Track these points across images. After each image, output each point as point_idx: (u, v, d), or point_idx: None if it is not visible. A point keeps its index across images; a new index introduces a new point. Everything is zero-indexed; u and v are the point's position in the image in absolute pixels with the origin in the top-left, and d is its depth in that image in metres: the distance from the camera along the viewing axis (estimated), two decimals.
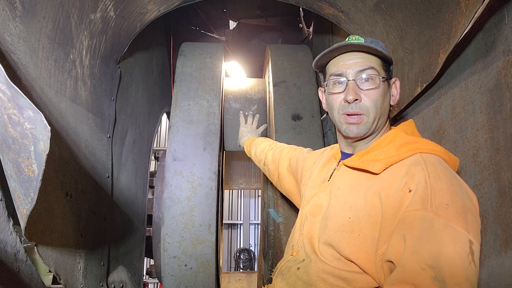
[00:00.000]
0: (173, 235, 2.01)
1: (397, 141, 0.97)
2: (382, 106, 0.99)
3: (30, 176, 0.82)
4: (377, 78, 0.98)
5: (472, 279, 0.72)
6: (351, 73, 0.99)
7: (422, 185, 0.81)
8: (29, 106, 0.80)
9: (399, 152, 0.92)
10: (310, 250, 0.98)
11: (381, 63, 1.01)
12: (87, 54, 1.54)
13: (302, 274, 0.96)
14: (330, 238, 0.91)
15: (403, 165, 0.89)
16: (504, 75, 1.00)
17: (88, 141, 1.56)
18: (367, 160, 0.96)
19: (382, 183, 0.89)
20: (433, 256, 0.72)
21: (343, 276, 0.89)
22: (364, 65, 0.98)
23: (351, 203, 0.93)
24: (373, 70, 0.98)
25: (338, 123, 1.03)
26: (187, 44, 2.60)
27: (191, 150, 2.15)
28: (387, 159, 0.92)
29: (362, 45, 0.98)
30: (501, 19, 1.01)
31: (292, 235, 1.11)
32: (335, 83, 1.02)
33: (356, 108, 0.97)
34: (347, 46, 0.99)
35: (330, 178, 1.06)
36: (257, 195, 10.40)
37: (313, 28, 3.32)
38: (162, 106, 3.03)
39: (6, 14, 1.02)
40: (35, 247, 1.08)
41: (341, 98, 1.00)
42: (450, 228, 0.75)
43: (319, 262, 0.94)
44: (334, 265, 0.91)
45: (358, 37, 1.03)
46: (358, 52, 1.00)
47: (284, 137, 2.30)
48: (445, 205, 0.78)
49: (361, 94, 0.97)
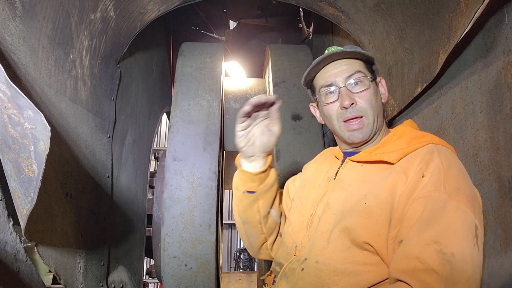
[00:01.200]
0: (173, 235, 2.00)
1: (407, 135, 0.99)
2: (376, 105, 1.02)
3: (30, 176, 0.82)
4: (366, 80, 1.01)
5: (476, 261, 0.75)
6: (340, 80, 1.02)
7: (436, 170, 0.84)
8: (29, 106, 0.81)
9: (410, 144, 0.95)
10: (317, 245, 0.95)
11: (364, 65, 1.05)
12: (87, 54, 1.54)
13: (306, 275, 0.94)
14: (347, 224, 0.91)
15: (418, 154, 0.91)
16: (504, 75, 1.00)
17: (88, 141, 1.56)
18: (380, 153, 0.97)
19: (398, 171, 0.91)
20: (441, 233, 0.75)
21: (349, 269, 0.87)
22: (350, 70, 1.02)
23: (367, 192, 0.93)
24: (360, 73, 1.01)
25: (339, 132, 1.04)
26: (187, 44, 2.60)
27: (191, 150, 2.15)
28: (401, 150, 0.94)
29: (345, 52, 1.02)
30: (501, 19, 1.01)
31: (294, 237, 1.07)
32: (327, 94, 1.04)
33: (354, 111, 0.99)
34: (331, 56, 1.02)
35: (336, 176, 1.06)
36: None
37: (313, 28, 3.32)
38: (162, 106, 3.03)
39: (6, 14, 1.02)
40: (35, 247, 1.08)
41: (337, 107, 1.02)
42: (461, 210, 0.78)
43: (326, 252, 0.91)
44: (341, 255, 0.89)
45: (337, 47, 1.07)
46: (341, 60, 1.04)
47: (284, 137, 2.30)
48: (457, 189, 0.81)
49: (355, 97, 1.00)
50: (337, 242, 0.91)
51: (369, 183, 0.95)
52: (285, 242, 1.10)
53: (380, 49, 1.70)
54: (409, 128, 1.03)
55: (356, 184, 0.98)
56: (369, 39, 1.78)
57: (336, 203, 0.98)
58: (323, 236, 0.95)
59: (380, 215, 0.87)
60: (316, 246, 0.95)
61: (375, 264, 0.87)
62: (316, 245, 0.95)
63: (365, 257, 0.88)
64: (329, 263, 0.91)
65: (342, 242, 0.91)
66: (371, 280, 0.86)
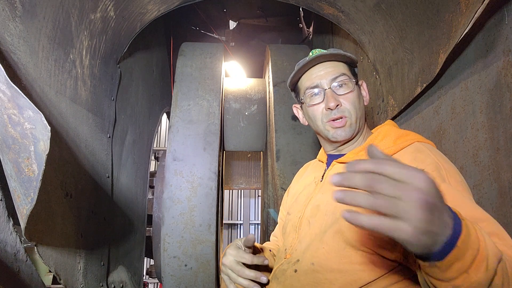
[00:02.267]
0: (173, 235, 2.00)
1: (391, 135, 1.01)
2: (359, 107, 1.05)
3: (30, 176, 0.82)
4: (350, 82, 1.04)
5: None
6: (325, 82, 1.04)
7: (434, 166, 0.85)
8: (29, 106, 0.81)
9: (396, 143, 0.97)
10: (311, 247, 0.95)
11: (348, 68, 1.08)
12: (87, 54, 1.54)
13: (302, 277, 0.94)
14: (341, 227, 0.91)
15: (406, 153, 0.93)
16: (504, 75, 1.00)
17: (88, 141, 1.56)
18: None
19: None
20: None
21: (345, 269, 0.88)
22: (335, 72, 1.04)
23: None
24: (344, 76, 1.04)
25: (324, 131, 1.06)
26: (187, 44, 2.60)
27: (191, 150, 2.15)
28: (388, 149, 0.96)
29: (330, 54, 1.04)
30: (501, 19, 1.01)
31: (284, 240, 1.09)
32: (312, 96, 1.07)
33: (339, 112, 1.02)
34: (317, 58, 1.05)
35: (322, 179, 1.07)
36: (257, 195, 10.40)
37: (313, 28, 3.32)
38: (162, 106, 3.03)
39: (6, 14, 1.02)
40: (35, 247, 1.08)
41: (321, 108, 1.05)
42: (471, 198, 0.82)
43: (321, 254, 0.91)
44: (337, 256, 0.89)
45: (320, 49, 1.09)
46: (327, 62, 1.06)
47: (284, 137, 2.30)
48: (460, 181, 0.85)
49: (340, 99, 1.03)
50: (332, 243, 0.92)
51: None
52: (279, 250, 1.11)
53: (380, 49, 1.70)
54: (392, 128, 1.05)
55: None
56: (369, 39, 1.78)
57: (326, 204, 0.99)
58: (316, 238, 0.96)
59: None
60: (311, 248, 0.96)
61: (371, 263, 0.88)
62: (311, 247, 0.96)
63: (360, 257, 0.88)
64: (325, 263, 0.91)
65: (337, 243, 0.91)
66: (367, 279, 0.87)
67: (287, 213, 1.19)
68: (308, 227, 1.00)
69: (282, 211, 1.33)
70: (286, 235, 1.09)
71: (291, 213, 1.14)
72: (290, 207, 1.17)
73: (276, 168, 2.25)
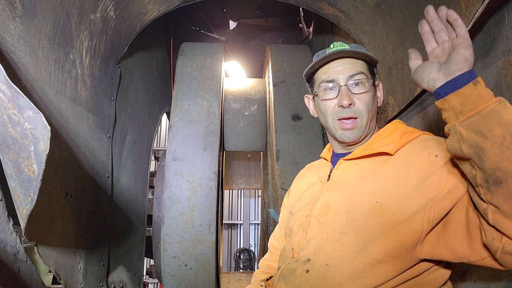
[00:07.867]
0: (173, 235, 2.01)
1: (398, 131, 1.00)
2: (372, 108, 1.03)
3: (30, 176, 0.82)
4: (367, 82, 1.01)
5: None
6: (342, 78, 1.01)
7: (444, 153, 0.86)
8: (29, 106, 0.81)
9: (403, 137, 0.96)
10: (326, 247, 0.93)
11: (367, 67, 1.05)
12: (87, 54, 1.54)
13: (313, 278, 0.92)
14: (360, 225, 0.90)
15: (414, 144, 0.93)
16: (504, 75, 1.00)
17: (88, 141, 1.56)
18: (378, 146, 0.98)
19: (399, 161, 0.92)
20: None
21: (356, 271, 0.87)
22: (354, 70, 1.01)
23: (372, 190, 0.92)
24: (362, 75, 1.01)
25: (332, 129, 1.05)
26: (187, 44, 2.60)
27: (191, 150, 2.15)
28: (396, 142, 0.96)
29: (352, 51, 1.01)
30: (501, 19, 1.01)
31: (292, 241, 1.07)
32: (326, 90, 1.04)
33: (350, 112, 1.00)
34: (338, 52, 1.02)
35: (329, 178, 1.06)
36: (257, 195, 10.40)
37: (313, 28, 3.32)
38: (162, 106, 3.03)
39: (6, 14, 1.02)
40: (35, 247, 1.08)
41: (334, 104, 1.02)
42: None
43: (338, 255, 0.90)
44: (353, 257, 0.88)
45: (342, 43, 1.06)
46: (346, 58, 1.03)
47: (284, 137, 2.30)
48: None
49: (354, 98, 1.00)
50: (351, 245, 0.90)
51: (369, 178, 0.95)
52: (284, 248, 1.10)
53: (380, 49, 1.70)
54: (399, 125, 1.05)
55: (355, 182, 0.98)
56: (369, 39, 1.78)
57: (336, 202, 0.97)
58: (329, 237, 0.94)
59: (398, 208, 0.87)
60: (325, 248, 0.93)
61: (385, 262, 0.86)
62: (325, 247, 0.93)
63: (376, 255, 0.87)
64: (339, 265, 0.89)
65: (356, 244, 0.89)
66: (374, 283, 0.86)
67: (289, 212, 1.17)
68: (318, 226, 0.98)
69: (283, 212, 1.32)
70: (292, 234, 1.07)
71: (294, 212, 1.12)
72: (293, 207, 1.16)
73: (276, 168, 2.25)
